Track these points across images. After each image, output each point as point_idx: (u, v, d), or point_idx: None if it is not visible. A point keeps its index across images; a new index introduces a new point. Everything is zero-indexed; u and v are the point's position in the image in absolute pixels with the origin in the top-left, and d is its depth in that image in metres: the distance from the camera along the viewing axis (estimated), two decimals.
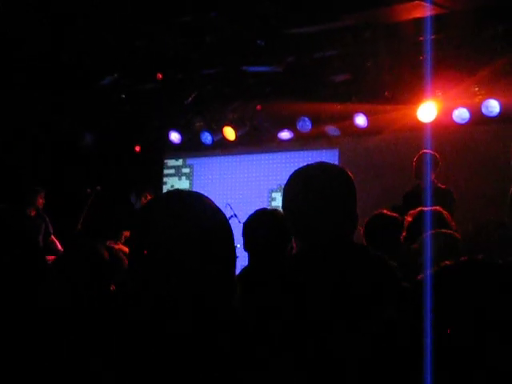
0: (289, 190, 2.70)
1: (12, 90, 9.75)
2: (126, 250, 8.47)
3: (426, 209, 5.03)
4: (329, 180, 2.65)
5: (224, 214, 1.87)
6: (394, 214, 5.61)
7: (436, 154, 7.88)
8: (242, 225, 4.11)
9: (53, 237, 10.21)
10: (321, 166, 2.76)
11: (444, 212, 4.89)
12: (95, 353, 1.81)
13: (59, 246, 10.08)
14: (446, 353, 1.74)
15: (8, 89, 9.70)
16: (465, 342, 1.75)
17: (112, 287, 4.28)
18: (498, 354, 1.66)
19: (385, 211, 5.65)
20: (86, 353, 1.84)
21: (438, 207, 4.99)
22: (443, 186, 7.87)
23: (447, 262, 1.96)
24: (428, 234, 4.05)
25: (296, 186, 2.69)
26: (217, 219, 1.83)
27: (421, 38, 7.60)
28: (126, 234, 8.89)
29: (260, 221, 4.12)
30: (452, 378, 1.76)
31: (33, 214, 9.99)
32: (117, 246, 8.58)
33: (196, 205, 1.82)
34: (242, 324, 1.84)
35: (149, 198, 8.95)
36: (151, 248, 1.75)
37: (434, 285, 1.81)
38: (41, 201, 10.12)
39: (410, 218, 5.01)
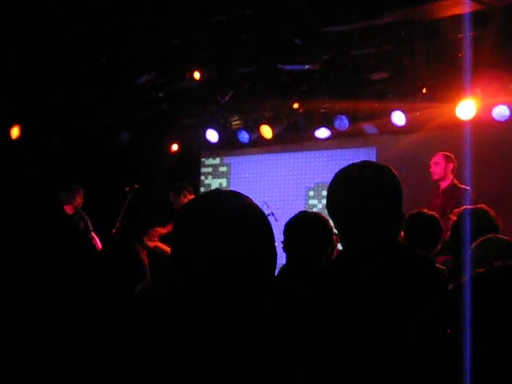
0: (334, 190, 2.65)
1: (49, 88, 9.84)
2: (163, 246, 8.54)
3: (470, 207, 4.98)
4: (375, 179, 2.59)
5: (263, 214, 1.87)
6: (434, 213, 5.57)
7: (450, 154, 7.97)
8: (279, 223, 4.13)
9: (93, 234, 10.31)
10: (366, 165, 2.70)
11: (489, 210, 4.82)
12: (130, 345, 1.82)
13: (99, 244, 10.17)
14: (485, 357, 1.72)
15: (45, 87, 9.79)
16: (502, 346, 1.72)
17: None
18: None
19: (425, 210, 5.61)
20: (118, 346, 1.84)
21: (483, 205, 4.93)
22: (462, 186, 7.89)
23: (480, 270, 1.94)
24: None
25: (341, 185, 2.63)
26: (256, 218, 1.83)
27: (460, 35, 7.51)
28: (161, 231, 8.94)
29: (302, 222, 4.13)
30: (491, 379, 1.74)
31: (71, 212, 10.09)
32: (153, 244, 8.67)
33: (236, 204, 1.82)
34: (281, 321, 1.84)
35: (188, 196, 8.98)
36: (192, 246, 1.76)
37: (469, 291, 1.79)
38: (79, 200, 10.22)
39: (454, 217, 4.96)
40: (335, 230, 3.12)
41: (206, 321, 1.72)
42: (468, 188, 7.73)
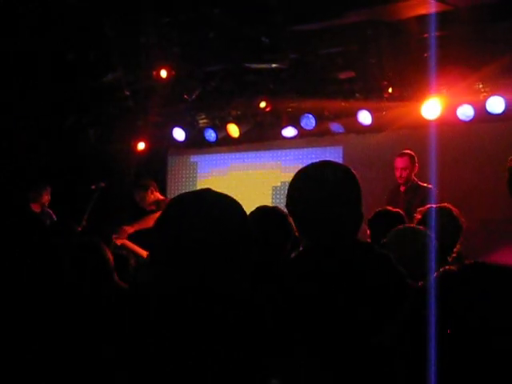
0: (293, 189, 2.70)
1: (15, 86, 9.74)
2: (130, 244, 8.49)
3: (434, 205, 5.05)
4: (333, 178, 2.63)
5: (245, 214, 1.90)
6: (398, 210, 5.63)
7: (412, 153, 8.04)
8: None
9: None
10: (325, 165, 2.74)
11: (452, 208, 4.91)
12: (104, 343, 1.82)
13: None
14: (449, 354, 1.74)
15: (11, 85, 9.69)
16: (469, 344, 1.74)
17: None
18: (502, 356, 1.66)
19: (389, 208, 5.67)
20: (95, 343, 1.84)
21: (446, 204, 5.01)
22: (424, 184, 7.95)
23: (451, 267, 1.97)
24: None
25: (300, 184, 2.68)
26: (240, 218, 1.85)
27: (425, 35, 7.58)
28: (129, 230, 8.87)
29: (261, 217, 4.12)
30: (456, 377, 1.76)
31: (37, 210, 10.01)
32: (120, 241, 8.61)
33: (227, 201, 1.85)
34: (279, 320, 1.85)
35: (154, 192, 8.93)
36: (178, 240, 1.76)
37: (439, 289, 1.81)
38: (46, 197, 10.14)
39: (419, 216, 5.02)
40: None
41: (203, 320, 1.73)
42: (431, 186, 7.78)
